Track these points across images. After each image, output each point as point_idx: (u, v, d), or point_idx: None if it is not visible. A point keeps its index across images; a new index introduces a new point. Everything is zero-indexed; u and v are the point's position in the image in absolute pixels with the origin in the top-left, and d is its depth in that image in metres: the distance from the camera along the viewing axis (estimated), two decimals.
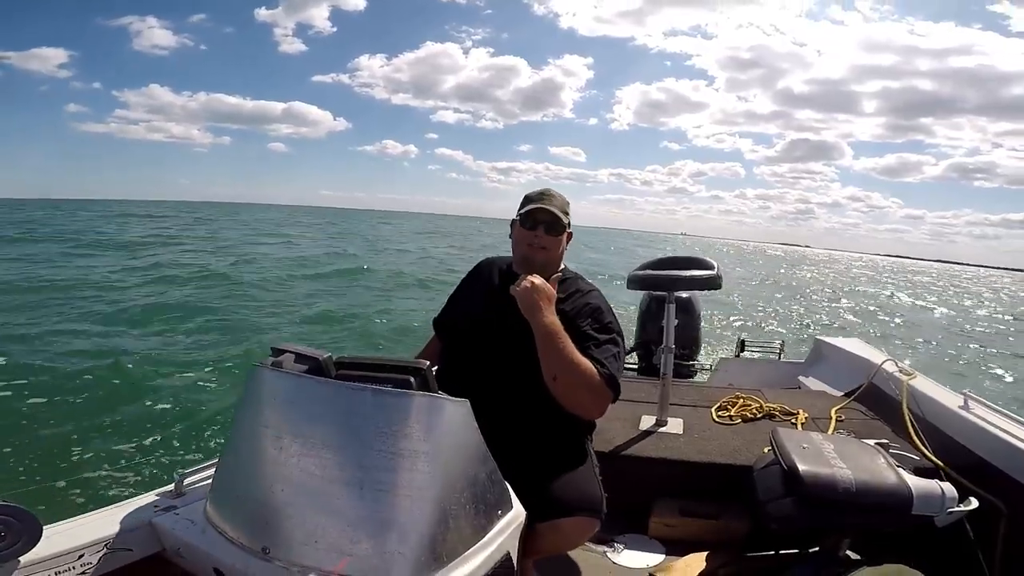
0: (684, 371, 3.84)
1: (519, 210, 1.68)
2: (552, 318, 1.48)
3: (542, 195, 1.67)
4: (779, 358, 4.37)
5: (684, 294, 3.80)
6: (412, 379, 1.07)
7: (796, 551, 1.86)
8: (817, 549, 1.74)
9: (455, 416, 1.04)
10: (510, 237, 1.72)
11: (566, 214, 1.66)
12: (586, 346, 1.52)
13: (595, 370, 1.47)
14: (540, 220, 1.63)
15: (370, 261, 21.42)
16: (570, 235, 1.70)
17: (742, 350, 4.63)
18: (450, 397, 1.05)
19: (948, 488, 1.51)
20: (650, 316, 3.89)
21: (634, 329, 4.08)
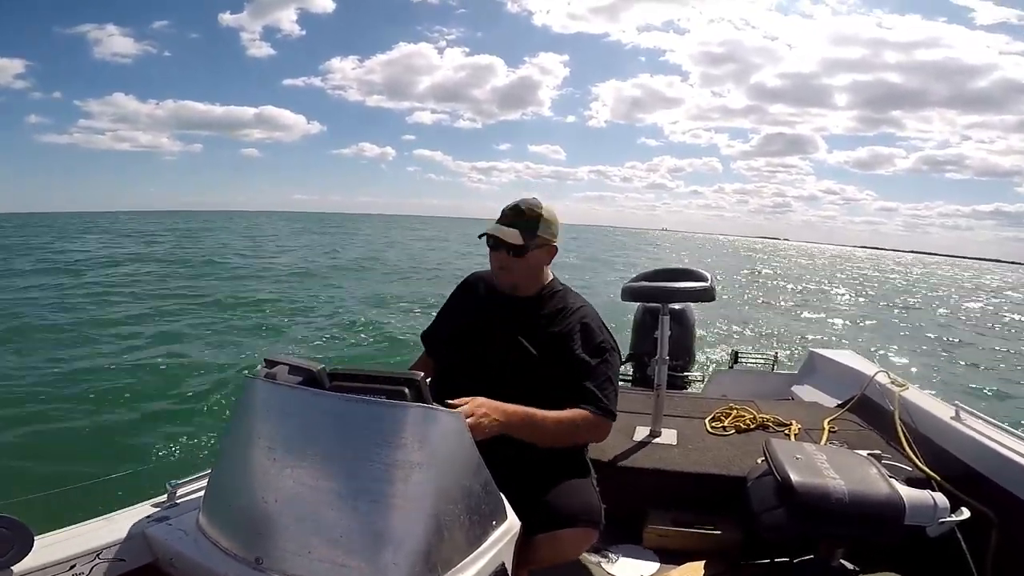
0: (678, 382, 3.85)
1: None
2: (507, 419, 1.33)
3: (505, 214, 1.59)
4: (772, 369, 4.38)
5: (678, 305, 3.81)
6: (406, 390, 1.07)
7: (790, 561, 1.87)
8: (811, 559, 1.74)
9: (449, 427, 1.04)
10: None
11: (533, 232, 1.56)
12: (578, 374, 1.52)
13: (585, 413, 1.47)
14: (500, 242, 1.56)
15: None
16: (554, 249, 1.63)
17: (735, 361, 4.65)
18: (444, 408, 1.05)
19: (940, 498, 1.53)
20: (644, 327, 3.90)
21: (628, 340, 4.09)
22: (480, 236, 1.61)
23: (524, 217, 1.57)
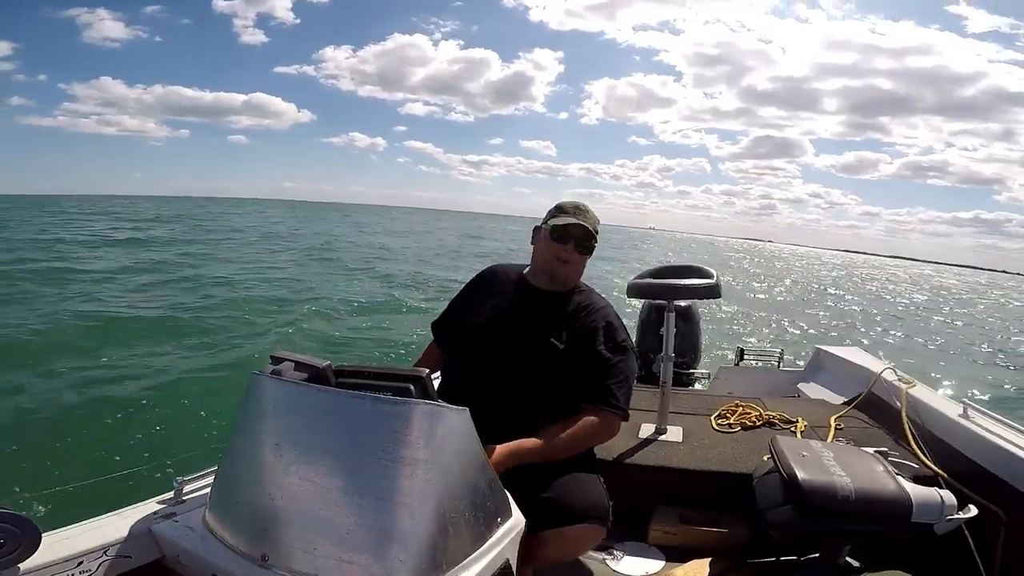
0: (684, 379, 3.83)
1: (549, 219, 1.63)
2: (518, 456, 1.39)
3: (578, 209, 1.63)
4: (778, 366, 4.37)
5: (683, 302, 3.80)
6: (412, 387, 1.07)
7: (796, 559, 1.86)
8: (817, 556, 1.74)
9: (455, 424, 1.04)
10: (532, 243, 1.69)
11: (597, 233, 1.63)
12: (598, 371, 1.54)
13: (593, 419, 1.50)
14: (573, 235, 1.60)
15: None
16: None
17: (741, 358, 4.63)
18: (449, 405, 1.05)
19: (947, 496, 1.52)
20: (650, 324, 3.88)
21: (634, 337, 4.07)
22: (558, 222, 1.61)
23: (591, 217, 1.63)
